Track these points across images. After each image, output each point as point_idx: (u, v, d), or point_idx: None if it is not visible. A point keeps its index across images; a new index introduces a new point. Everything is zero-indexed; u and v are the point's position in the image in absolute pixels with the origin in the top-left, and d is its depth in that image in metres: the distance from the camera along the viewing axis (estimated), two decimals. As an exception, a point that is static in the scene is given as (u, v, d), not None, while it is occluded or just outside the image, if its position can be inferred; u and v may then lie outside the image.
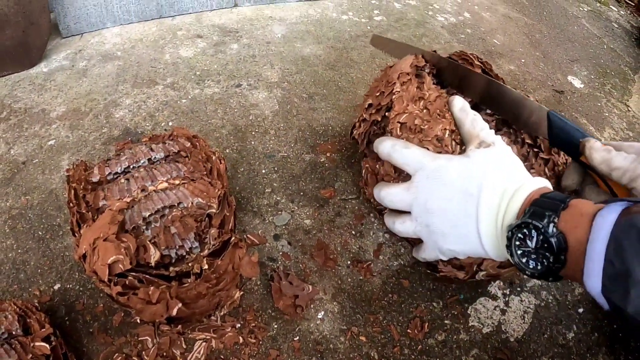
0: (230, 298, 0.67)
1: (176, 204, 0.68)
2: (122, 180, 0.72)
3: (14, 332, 0.60)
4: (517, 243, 0.54)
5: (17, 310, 0.63)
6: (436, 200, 0.62)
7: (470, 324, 0.77)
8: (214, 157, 0.76)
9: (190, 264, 0.63)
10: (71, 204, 0.68)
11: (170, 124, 1.02)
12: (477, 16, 1.69)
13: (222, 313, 0.70)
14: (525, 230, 0.53)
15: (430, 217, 0.63)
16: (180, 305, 0.59)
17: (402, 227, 0.70)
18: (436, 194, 0.62)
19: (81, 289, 0.74)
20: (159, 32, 1.30)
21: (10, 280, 0.75)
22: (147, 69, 1.17)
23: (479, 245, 0.59)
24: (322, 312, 0.75)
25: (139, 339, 0.67)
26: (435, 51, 0.84)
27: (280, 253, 0.81)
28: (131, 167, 0.75)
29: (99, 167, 0.75)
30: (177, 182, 0.71)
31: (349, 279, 0.80)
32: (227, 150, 0.97)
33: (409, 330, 0.75)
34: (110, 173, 0.74)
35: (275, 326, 0.73)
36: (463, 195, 0.60)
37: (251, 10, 1.45)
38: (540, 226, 0.51)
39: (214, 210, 0.68)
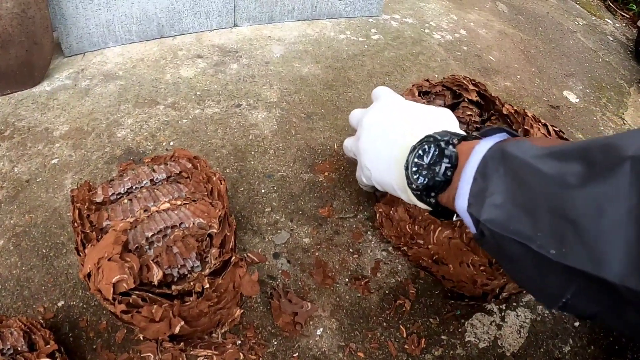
0: (231, 316, 0.69)
1: (178, 224, 0.70)
2: (125, 201, 0.74)
3: (19, 348, 0.62)
4: (415, 160, 0.59)
5: (22, 327, 0.64)
6: (363, 140, 0.74)
7: (466, 339, 0.78)
8: (214, 178, 0.77)
9: (192, 283, 0.65)
10: (76, 224, 0.69)
11: (171, 143, 1.03)
12: (473, 33, 1.71)
13: (223, 330, 0.71)
14: (425, 146, 0.58)
15: (363, 153, 0.74)
16: (182, 323, 0.61)
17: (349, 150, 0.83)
18: (364, 136, 0.74)
19: (85, 306, 0.75)
20: (160, 52, 1.32)
21: (15, 297, 0.76)
22: (149, 89, 1.18)
23: (389, 168, 0.67)
24: (321, 329, 0.76)
25: (142, 355, 0.68)
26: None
27: (280, 271, 0.83)
28: (134, 187, 0.77)
29: (103, 188, 0.77)
30: (178, 202, 0.73)
31: (347, 296, 0.81)
32: (227, 170, 0.99)
33: (406, 346, 0.76)
34: (113, 193, 0.76)
35: (275, 343, 0.74)
36: (382, 132, 0.70)
37: (250, 30, 1.46)
38: (440, 139, 0.57)
39: (214, 231, 0.70)
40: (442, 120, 0.68)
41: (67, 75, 1.21)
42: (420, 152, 0.59)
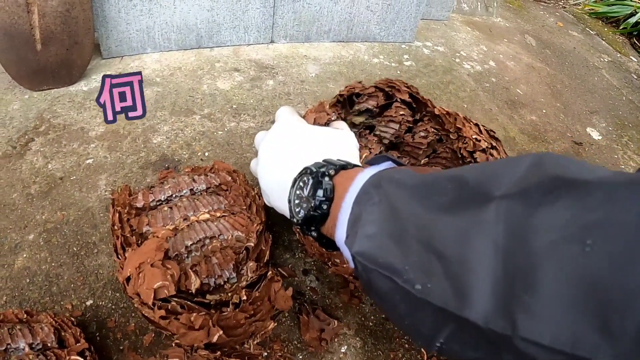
0: (265, 328, 0.70)
1: (216, 236, 0.71)
2: (166, 208, 0.75)
3: (49, 344, 0.63)
4: (297, 192, 0.56)
5: (52, 323, 0.65)
6: (260, 165, 0.69)
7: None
8: (253, 193, 0.79)
9: (229, 294, 0.66)
10: (116, 227, 0.71)
11: (206, 154, 1.05)
12: (501, 65, 1.73)
13: (255, 342, 0.72)
14: (305, 178, 0.55)
15: (260, 178, 0.68)
16: (221, 332, 0.62)
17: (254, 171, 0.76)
18: (261, 161, 0.69)
19: (113, 307, 0.76)
20: (197, 62, 1.34)
21: (43, 292, 0.77)
22: (185, 98, 1.20)
23: (281, 197, 0.62)
24: (345, 347, 0.77)
25: (169, 360, 0.69)
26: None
27: (308, 287, 0.84)
28: (174, 196, 0.78)
29: (143, 194, 0.78)
30: (218, 214, 0.74)
31: (372, 317, 0.82)
32: (261, 184, 0.99)
33: (426, 370, 0.77)
34: (153, 200, 0.77)
35: (300, 357, 0.75)
36: (274, 160, 0.66)
37: (286, 47, 1.49)
38: (315, 171, 0.53)
39: (252, 244, 0.71)
40: (337, 145, 0.66)
41: (105, 77, 1.22)
42: (300, 184, 0.56)
